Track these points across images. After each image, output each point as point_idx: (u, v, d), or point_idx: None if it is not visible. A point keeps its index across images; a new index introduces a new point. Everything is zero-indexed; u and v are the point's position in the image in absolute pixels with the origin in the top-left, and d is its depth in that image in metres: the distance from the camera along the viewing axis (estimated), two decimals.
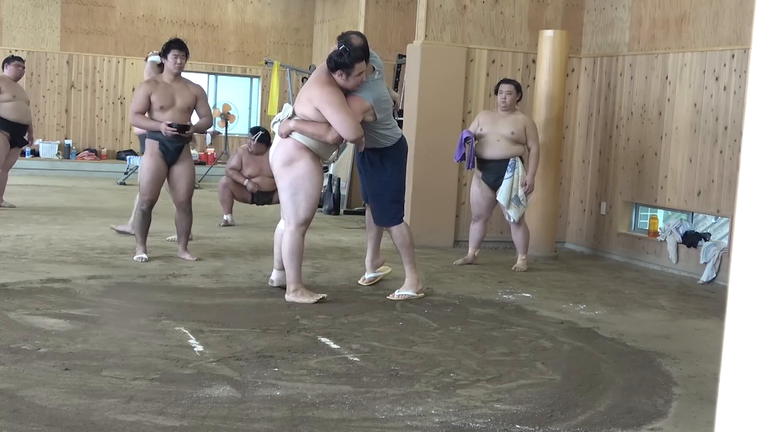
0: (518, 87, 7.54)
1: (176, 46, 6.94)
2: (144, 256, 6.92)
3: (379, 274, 6.50)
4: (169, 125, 6.78)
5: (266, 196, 9.45)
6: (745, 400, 1.05)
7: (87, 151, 16.10)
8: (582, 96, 9.14)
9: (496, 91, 7.56)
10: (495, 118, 7.49)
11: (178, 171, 7.00)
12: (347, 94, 5.68)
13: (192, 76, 9.35)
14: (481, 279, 7.04)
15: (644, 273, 7.91)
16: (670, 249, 7.92)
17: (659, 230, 8.23)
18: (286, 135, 5.65)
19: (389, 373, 4.20)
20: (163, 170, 6.96)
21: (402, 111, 9.28)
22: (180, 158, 6.99)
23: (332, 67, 5.58)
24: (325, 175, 10.41)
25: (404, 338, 4.94)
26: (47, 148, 15.64)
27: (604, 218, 8.82)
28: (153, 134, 6.89)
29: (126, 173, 14.10)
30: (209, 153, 16.40)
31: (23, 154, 13.74)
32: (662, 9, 8.18)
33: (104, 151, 16.35)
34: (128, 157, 14.78)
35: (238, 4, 17.39)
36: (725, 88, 7.45)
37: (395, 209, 6.06)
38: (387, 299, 5.96)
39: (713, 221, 8.56)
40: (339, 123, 5.51)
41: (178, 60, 6.91)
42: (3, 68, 9.71)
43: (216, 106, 16.35)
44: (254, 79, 17.79)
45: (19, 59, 9.82)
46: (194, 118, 7.15)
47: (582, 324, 5.61)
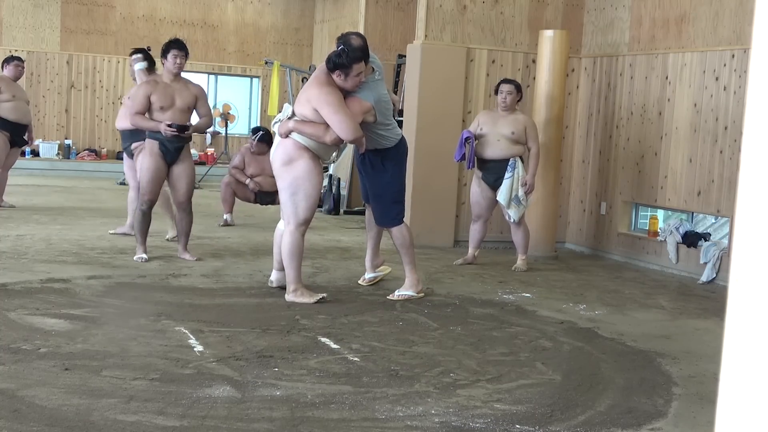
0: (518, 87, 7.54)
1: (176, 46, 6.94)
2: (144, 256, 6.92)
3: (379, 274, 6.50)
4: (169, 125, 6.78)
5: (269, 197, 9.45)
6: (745, 400, 1.05)
7: (87, 151, 16.11)
8: (582, 96, 9.14)
9: (497, 91, 7.56)
10: (495, 118, 7.49)
11: (178, 171, 7.00)
12: (347, 95, 5.68)
13: (192, 76, 9.35)
14: (481, 279, 7.04)
15: (644, 273, 7.91)
16: (670, 249, 7.92)
17: (659, 230, 8.23)
18: (286, 135, 5.66)
19: (389, 373, 4.20)
20: (163, 170, 6.96)
21: (402, 111, 9.28)
22: (180, 158, 6.99)
23: (331, 68, 5.58)
24: (325, 175, 10.41)
25: (404, 338, 4.94)
26: (47, 148, 15.64)
27: (604, 218, 8.82)
28: (153, 134, 6.89)
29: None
30: (209, 153, 16.40)
31: (23, 154, 13.74)
32: (662, 9, 8.18)
33: (104, 151, 16.35)
34: None
35: (238, 4, 17.39)
36: (725, 88, 7.45)
37: (396, 210, 6.06)
38: (387, 299, 5.96)
39: (713, 221, 8.56)
40: (337, 124, 5.52)
41: (178, 60, 6.91)
42: (3, 68, 9.69)
43: (216, 106, 16.35)
44: (254, 79, 17.79)
45: (19, 59, 9.81)
46: (194, 118, 7.15)
47: (582, 324, 5.61)
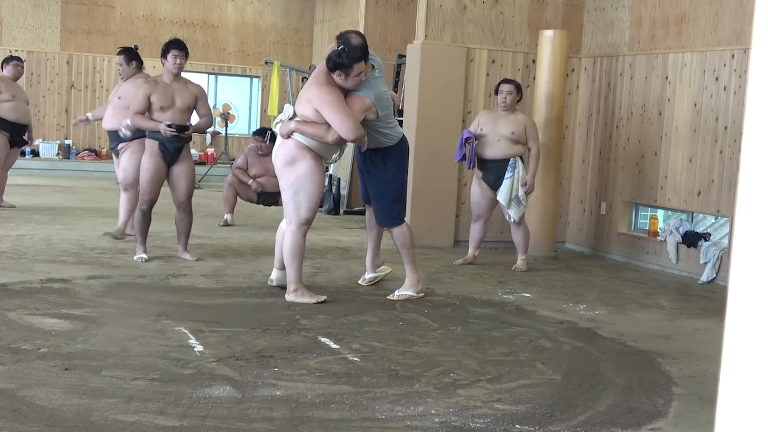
0: (518, 87, 7.54)
1: (176, 47, 6.94)
2: (144, 256, 6.92)
3: (380, 274, 6.50)
4: (169, 125, 6.78)
5: (272, 197, 9.44)
6: (745, 400, 1.05)
7: (87, 151, 16.10)
8: (582, 96, 9.14)
9: (497, 91, 7.57)
10: (495, 118, 7.49)
11: (178, 171, 7.00)
12: (348, 94, 5.68)
13: (192, 76, 9.34)
14: (481, 279, 7.04)
15: (644, 273, 7.91)
16: (670, 249, 7.92)
17: (659, 230, 8.23)
18: (287, 136, 5.66)
19: (389, 373, 4.20)
20: (163, 170, 6.96)
21: (402, 111, 9.28)
22: (180, 158, 6.99)
23: (331, 68, 5.58)
24: (325, 175, 10.40)
25: (404, 338, 4.94)
26: (47, 148, 15.63)
27: (604, 218, 8.82)
28: (153, 134, 6.89)
29: None
30: (209, 153, 16.40)
31: (23, 154, 13.74)
32: (662, 9, 8.18)
33: (104, 151, 16.33)
34: None
35: (238, 4, 17.39)
36: (725, 88, 7.45)
37: (397, 210, 6.06)
38: (387, 299, 5.96)
39: (713, 221, 8.56)
40: (338, 123, 5.51)
41: (178, 60, 6.91)
42: (2, 68, 9.68)
43: (216, 106, 16.35)
44: (254, 79, 17.79)
45: (18, 59, 9.79)
46: (194, 118, 7.15)
47: (582, 324, 5.61)
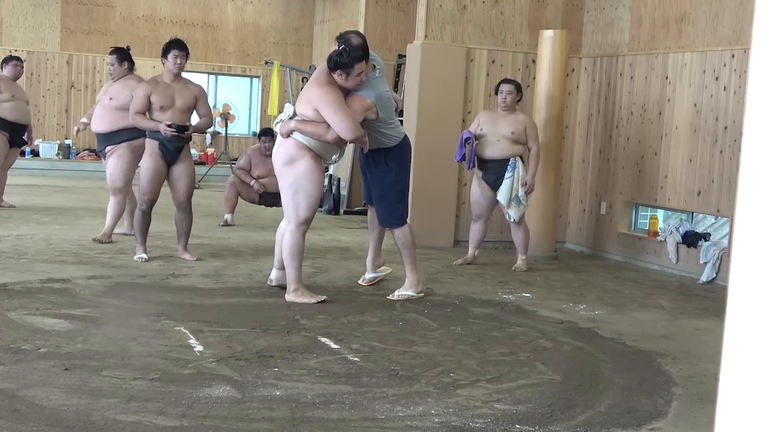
0: (518, 87, 7.54)
1: (176, 47, 6.94)
2: (144, 256, 6.92)
3: (380, 275, 6.50)
4: (169, 126, 6.78)
5: (274, 198, 9.44)
6: (745, 400, 1.05)
7: (87, 151, 16.09)
8: (582, 96, 9.14)
9: (497, 91, 7.57)
10: (495, 118, 7.49)
11: (178, 171, 7.00)
12: (348, 94, 5.68)
13: (192, 76, 9.34)
14: (481, 279, 7.04)
15: (644, 273, 7.91)
16: (670, 249, 7.92)
17: (659, 230, 8.23)
18: (287, 135, 5.66)
19: (389, 373, 4.20)
20: (163, 170, 6.96)
21: (402, 111, 9.28)
22: (180, 158, 6.99)
23: (332, 68, 5.58)
24: (325, 176, 10.41)
25: (404, 338, 4.94)
26: (47, 148, 15.63)
27: (604, 218, 8.82)
28: (153, 134, 6.90)
29: None
30: (209, 153, 16.40)
31: (23, 154, 13.73)
32: (662, 9, 8.18)
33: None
34: None
35: (238, 4, 17.39)
36: (725, 88, 7.45)
37: (400, 210, 6.06)
38: (387, 299, 5.96)
39: (713, 221, 8.56)
40: (337, 123, 5.51)
41: (179, 60, 6.91)
42: (2, 68, 9.67)
43: (216, 106, 16.35)
44: (254, 79, 17.79)
45: (18, 59, 9.76)
46: (194, 118, 7.15)
47: (582, 324, 5.61)
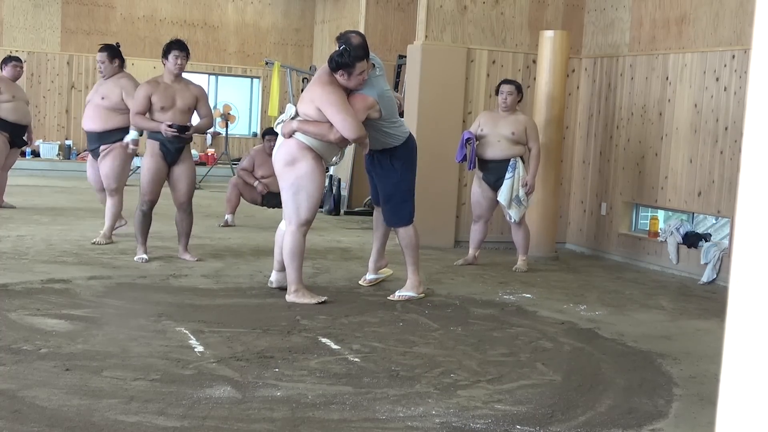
0: (519, 87, 7.55)
1: (177, 47, 6.94)
2: (144, 257, 6.92)
3: (380, 276, 6.49)
4: (169, 126, 6.78)
5: (276, 198, 9.42)
6: (746, 401, 1.05)
7: (87, 152, 16.09)
8: (582, 96, 9.14)
9: (497, 92, 7.57)
10: (496, 119, 7.49)
11: (179, 171, 7.00)
12: (350, 93, 5.68)
13: (192, 77, 9.34)
14: (482, 279, 7.04)
15: (645, 273, 7.91)
16: (671, 249, 7.92)
17: (660, 231, 8.22)
18: (289, 135, 5.66)
19: (390, 374, 4.20)
20: (164, 171, 6.96)
21: (402, 112, 9.28)
22: (180, 159, 7.00)
23: (333, 68, 5.58)
24: (325, 176, 10.41)
25: (405, 339, 4.94)
26: (48, 149, 15.64)
27: (605, 219, 8.82)
28: (153, 135, 6.90)
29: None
30: (210, 153, 16.40)
31: (24, 155, 13.74)
32: (662, 10, 8.18)
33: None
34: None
35: (239, 5, 17.39)
36: (725, 89, 7.45)
37: (407, 210, 6.06)
38: (387, 300, 5.96)
39: (714, 222, 8.56)
40: (340, 123, 5.52)
41: (179, 61, 6.91)
42: (1, 69, 9.64)
43: (216, 107, 16.36)
44: (255, 80, 17.80)
45: (17, 59, 9.70)
46: (195, 119, 7.15)
47: (582, 324, 5.61)
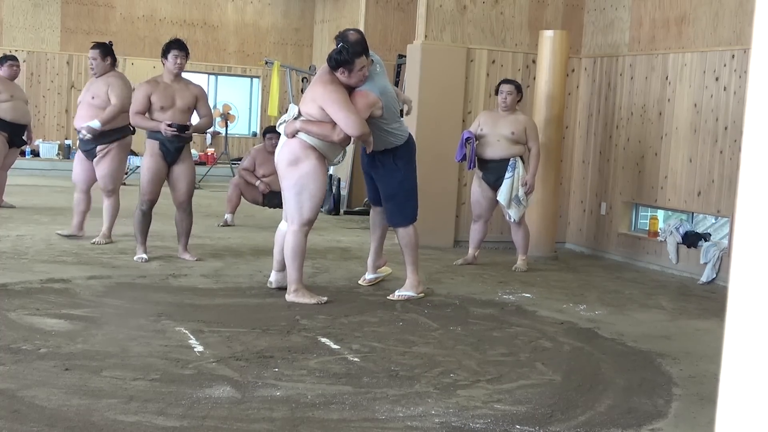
0: (519, 87, 7.55)
1: (176, 47, 6.94)
2: (144, 257, 6.92)
3: (380, 276, 6.49)
4: (169, 125, 6.78)
5: (277, 198, 9.42)
6: (746, 401, 1.05)
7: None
8: (582, 96, 9.14)
9: (497, 92, 7.57)
10: (495, 119, 7.49)
11: (178, 171, 7.00)
12: (352, 91, 5.68)
13: (192, 77, 9.34)
14: (482, 279, 7.04)
15: (644, 273, 7.91)
16: (670, 249, 7.92)
17: (659, 230, 8.23)
18: (292, 135, 5.66)
19: (389, 374, 4.20)
20: (163, 170, 6.96)
21: (402, 111, 9.27)
22: (180, 158, 6.99)
23: (333, 66, 5.58)
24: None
25: (404, 338, 4.94)
26: (47, 149, 15.63)
27: (605, 218, 8.82)
28: (153, 134, 6.89)
29: (126, 173, 14.09)
30: (209, 153, 16.40)
31: (23, 154, 13.73)
32: (662, 9, 8.18)
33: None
34: (128, 157, 14.73)
35: (238, 5, 17.39)
36: (725, 89, 7.45)
37: (410, 208, 6.06)
38: (387, 299, 5.96)
39: (713, 221, 8.56)
40: (343, 120, 5.52)
41: (179, 60, 6.91)
42: None
43: (216, 107, 16.35)
44: (254, 80, 17.79)
45: (13, 58, 9.56)
46: (195, 119, 7.15)
47: (582, 324, 5.60)
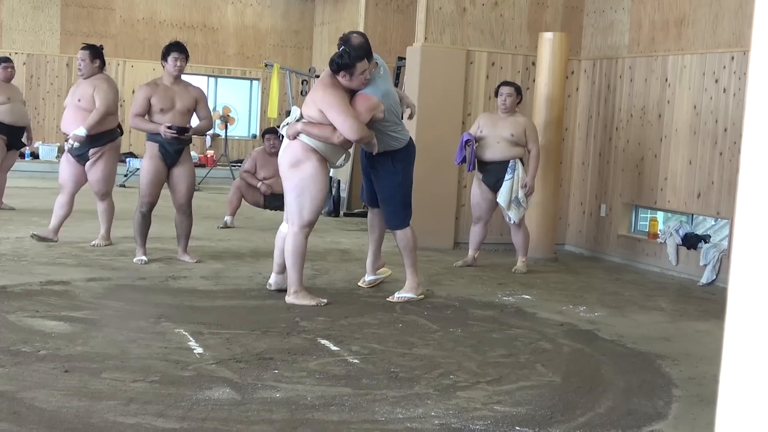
0: (518, 89, 7.55)
1: (176, 49, 6.95)
2: (144, 258, 6.92)
3: (379, 277, 6.50)
4: (169, 128, 6.78)
5: (278, 200, 9.42)
6: (745, 402, 1.05)
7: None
8: (582, 98, 9.14)
9: (497, 94, 7.57)
10: (495, 121, 7.49)
11: (178, 173, 7.00)
12: (354, 94, 5.69)
13: (192, 79, 9.34)
14: (481, 281, 7.04)
15: (644, 275, 7.91)
16: (670, 251, 7.92)
17: (659, 232, 8.23)
18: (294, 137, 5.67)
19: (389, 375, 4.20)
20: (163, 172, 6.96)
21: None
22: (180, 161, 7.00)
23: (335, 69, 5.58)
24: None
25: (404, 340, 4.94)
26: (47, 151, 15.65)
27: (604, 220, 8.82)
28: (153, 136, 6.90)
29: (126, 175, 14.09)
30: (209, 155, 16.40)
31: (23, 157, 13.74)
32: (662, 11, 8.18)
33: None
34: (128, 160, 14.76)
35: (238, 7, 17.40)
36: (725, 90, 7.45)
37: (405, 212, 6.07)
38: (387, 301, 5.96)
39: (713, 223, 8.56)
40: (342, 124, 5.52)
41: (178, 63, 6.91)
42: None
43: (216, 109, 16.36)
44: (254, 82, 17.80)
45: (7, 60, 9.48)
46: (194, 121, 7.15)
47: (582, 326, 5.61)
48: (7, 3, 15.96)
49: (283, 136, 5.84)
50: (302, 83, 13.60)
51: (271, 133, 9.61)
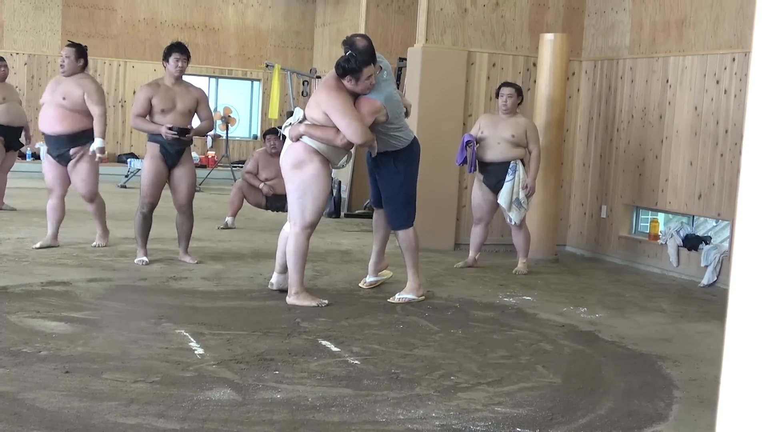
0: (519, 90, 7.55)
1: (178, 50, 6.95)
2: (145, 259, 6.92)
3: (381, 279, 6.49)
4: (170, 128, 6.78)
5: (280, 201, 9.42)
6: (746, 403, 1.05)
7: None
8: (582, 99, 9.14)
9: (497, 95, 7.57)
10: (496, 122, 7.49)
11: (179, 174, 7.00)
12: (357, 97, 5.69)
13: (193, 80, 9.34)
14: (482, 282, 7.04)
15: (645, 276, 7.91)
16: (671, 252, 7.92)
17: (660, 233, 8.23)
18: (296, 139, 5.67)
19: (390, 376, 4.20)
20: (164, 173, 6.96)
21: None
22: (181, 161, 7.00)
23: (341, 73, 5.58)
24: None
25: (405, 341, 4.94)
26: None
27: (605, 221, 8.82)
28: (154, 137, 6.90)
29: (127, 176, 14.10)
30: (210, 156, 16.41)
31: (23, 157, 13.73)
32: (663, 12, 8.18)
33: (105, 155, 16.30)
34: (129, 160, 14.76)
35: (239, 8, 17.40)
36: (726, 92, 7.45)
37: (407, 212, 6.07)
38: (387, 302, 5.96)
39: (714, 224, 8.56)
40: (345, 127, 5.52)
41: (180, 63, 6.91)
42: None
43: (217, 110, 16.36)
44: (255, 82, 17.80)
45: (0, 59, 9.44)
46: (195, 121, 7.15)
47: (583, 327, 5.61)
48: (9, 3, 15.97)
49: (285, 137, 5.84)
50: (303, 84, 13.60)
51: (272, 134, 9.62)
